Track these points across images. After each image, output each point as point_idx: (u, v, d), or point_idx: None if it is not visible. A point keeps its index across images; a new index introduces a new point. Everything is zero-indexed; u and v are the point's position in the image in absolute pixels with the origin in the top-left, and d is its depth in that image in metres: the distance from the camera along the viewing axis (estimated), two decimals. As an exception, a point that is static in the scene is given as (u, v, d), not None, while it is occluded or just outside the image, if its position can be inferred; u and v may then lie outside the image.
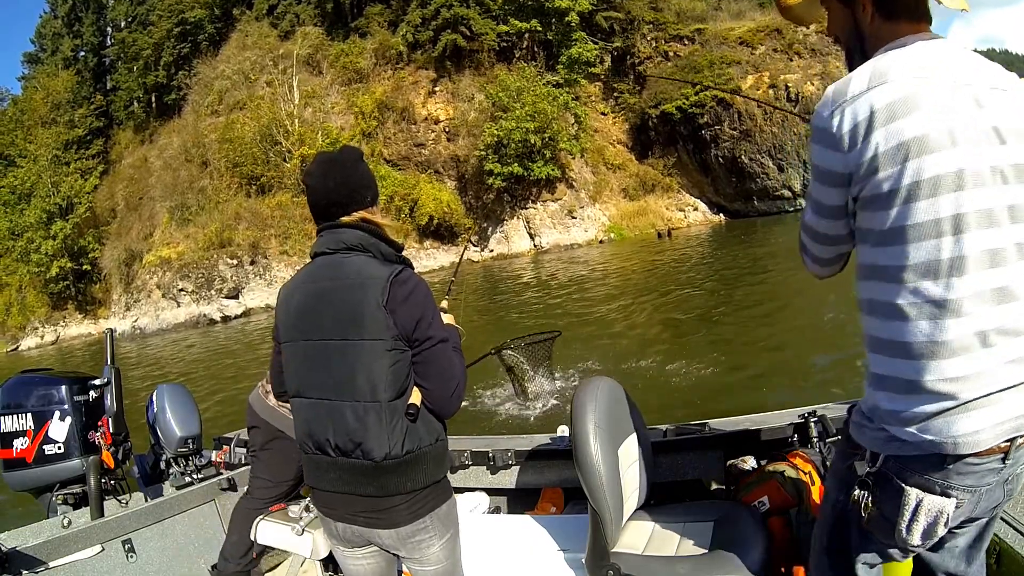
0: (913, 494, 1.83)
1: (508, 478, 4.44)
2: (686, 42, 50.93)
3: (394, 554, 2.71)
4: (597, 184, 47.70)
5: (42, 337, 59.17)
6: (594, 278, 27.26)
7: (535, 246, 44.57)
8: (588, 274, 28.88)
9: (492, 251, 45.01)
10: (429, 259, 44.35)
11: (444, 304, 3.26)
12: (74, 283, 58.10)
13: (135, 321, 47.87)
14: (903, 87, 1.75)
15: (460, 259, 5.70)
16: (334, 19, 54.61)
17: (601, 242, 43.97)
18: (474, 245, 45.93)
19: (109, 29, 65.81)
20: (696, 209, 48.77)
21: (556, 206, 45.72)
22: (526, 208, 45.52)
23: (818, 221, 2.00)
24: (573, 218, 45.63)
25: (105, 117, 63.85)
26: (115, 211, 59.46)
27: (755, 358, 11.79)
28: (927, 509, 1.83)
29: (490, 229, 45.89)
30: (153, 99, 60.54)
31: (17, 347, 59.98)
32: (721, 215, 48.43)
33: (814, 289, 14.38)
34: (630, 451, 3.17)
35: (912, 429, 1.81)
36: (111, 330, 5.31)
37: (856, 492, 1.95)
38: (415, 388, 2.51)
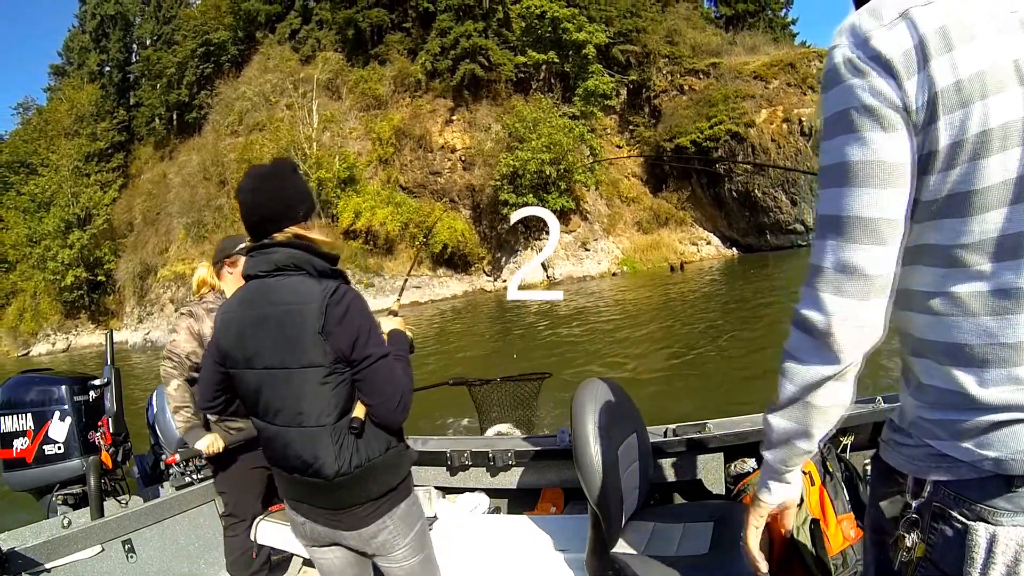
0: (982, 529, 1.30)
1: (508, 479, 4.39)
2: (701, 76, 50.80)
3: (361, 553, 2.67)
4: (611, 217, 47.34)
5: (53, 344, 59.49)
6: (605, 310, 26.99)
7: (548, 277, 43.98)
8: (599, 306, 28.55)
9: (505, 281, 44.31)
10: (442, 287, 44.05)
11: (394, 306, 3.21)
12: (88, 293, 58.22)
13: (147, 333, 47.98)
14: (952, 7, 1.25)
15: (413, 261, 6.41)
16: (354, 45, 54.32)
17: (614, 275, 43.50)
18: (487, 275, 45.56)
19: (135, 46, 66.31)
20: (709, 243, 48.42)
21: (570, 238, 45.21)
22: (540, 239, 44.85)
23: (869, 205, 1.30)
24: (587, 250, 45.14)
25: (127, 132, 64.11)
26: (132, 224, 59.55)
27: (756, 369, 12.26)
28: (1004, 546, 1.28)
29: (503, 259, 45.33)
30: (174, 116, 60.55)
31: (28, 352, 60.51)
32: (734, 249, 48.06)
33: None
34: (630, 452, 3.15)
35: (968, 444, 1.32)
36: (111, 331, 5.29)
37: (902, 538, 1.40)
38: (359, 403, 2.46)
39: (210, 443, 3.97)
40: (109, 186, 60.18)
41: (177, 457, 4.26)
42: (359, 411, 2.44)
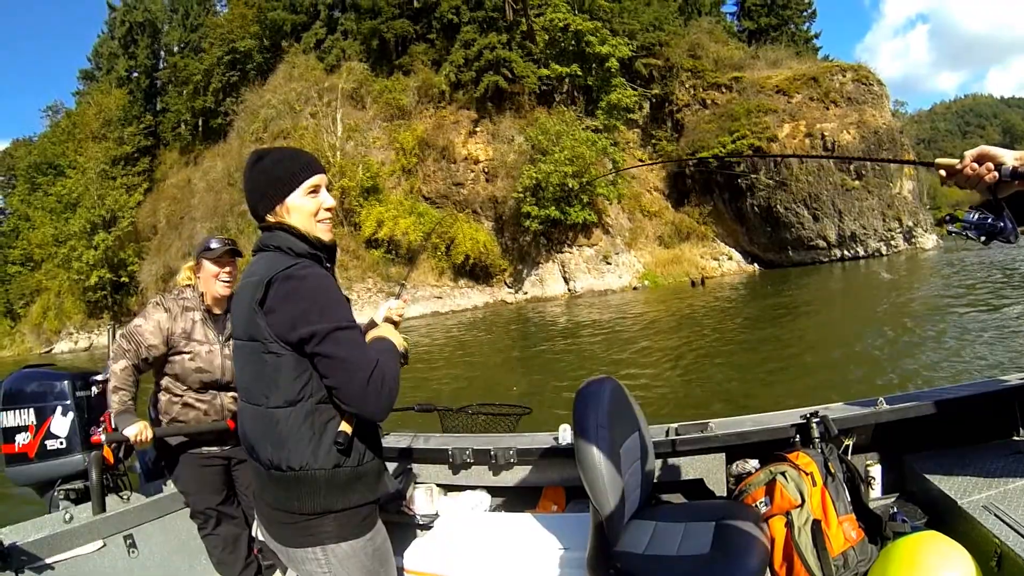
0: None
1: (509, 476, 4.31)
2: (724, 90, 49.99)
3: None
4: (633, 231, 46.75)
5: (76, 343, 60.42)
6: (624, 322, 26.57)
7: (569, 290, 43.47)
8: (618, 319, 28.01)
9: (526, 293, 44.04)
10: (463, 298, 43.65)
11: (393, 312, 2.85)
12: (111, 293, 58.64)
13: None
14: None
15: (414, 261, 5.44)
16: (379, 56, 53.98)
17: (635, 288, 42.95)
18: (508, 286, 45.14)
19: (162, 53, 66.82)
20: (730, 258, 47.84)
21: (591, 251, 44.66)
22: (562, 252, 44.46)
23: None
24: (608, 264, 44.51)
25: (153, 137, 64.47)
26: (156, 228, 59.82)
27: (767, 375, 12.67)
28: None
29: (525, 271, 44.90)
30: (200, 123, 60.61)
31: (51, 349, 61.76)
32: (755, 264, 47.49)
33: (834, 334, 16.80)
34: (632, 450, 3.10)
35: None
36: (113, 326, 5.46)
37: None
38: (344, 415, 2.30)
39: (139, 431, 3.77)
40: (134, 189, 60.64)
41: (103, 438, 4.12)
42: (345, 424, 2.28)
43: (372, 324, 2.86)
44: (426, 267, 43.20)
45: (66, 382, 4.70)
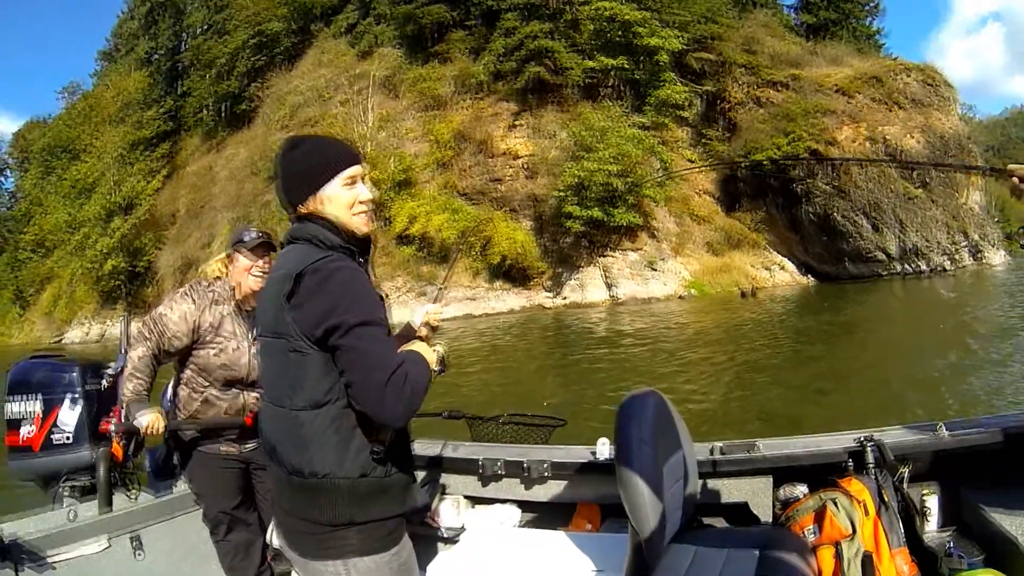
0: None
1: (542, 491, 4.23)
2: (780, 88, 49.49)
3: None
4: (680, 236, 46.26)
5: (87, 332, 60.97)
6: (667, 332, 26.45)
7: (611, 297, 42.98)
8: (662, 328, 27.85)
9: (565, 298, 43.60)
10: (498, 301, 43.39)
11: (431, 307, 2.92)
12: (126, 283, 59.31)
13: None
14: None
15: (452, 262, 5.26)
16: (414, 42, 54.03)
17: (681, 297, 42.38)
18: (547, 290, 44.77)
19: (185, 35, 67.59)
20: (783, 268, 47.28)
21: (636, 256, 44.23)
22: (604, 256, 44.05)
23: None
24: (653, 270, 44.02)
25: (174, 121, 65.11)
26: (175, 216, 60.31)
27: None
28: None
29: (565, 275, 44.47)
30: (224, 108, 61.21)
31: (61, 338, 62.03)
32: (809, 276, 46.98)
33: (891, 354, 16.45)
34: (675, 469, 3.01)
35: None
36: (126, 316, 5.19)
37: None
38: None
39: (151, 421, 3.73)
40: (153, 175, 61.06)
41: (111, 427, 4.03)
42: (382, 432, 2.25)
43: (408, 328, 2.88)
44: (460, 267, 42.87)
45: (75, 372, 4.66)
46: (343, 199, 2.34)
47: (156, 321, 3.79)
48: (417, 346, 2.47)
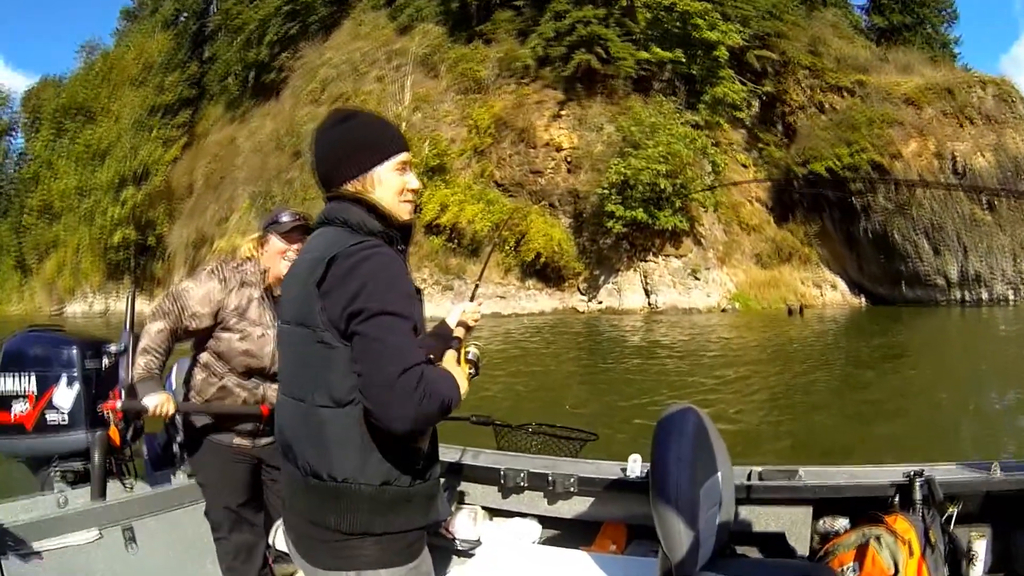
0: None
1: (566, 507, 4.26)
2: (844, 94, 49.47)
3: None
4: (728, 245, 46.47)
5: (91, 306, 61.86)
6: (707, 346, 26.74)
7: (649, 304, 43.17)
8: (701, 341, 28.14)
9: (601, 303, 43.79)
10: (530, 301, 43.69)
11: (469, 307, 3.04)
12: (135, 255, 59.82)
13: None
14: None
15: (487, 258, 5.68)
16: (458, 19, 54.05)
17: (723, 310, 42.75)
18: (581, 293, 44.96)
19: None
20: (835, 287, 47.34)
21: (679, 263, 44.38)
22: (645, 260, 44.22)
23: None
24: (696, 279, 44.16)
25: (197, 87, 65.28)
26: (192, 188, 60.51)
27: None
28: None
29: (602, 278, 44.66)
30: (251, 77, 61.04)
31: (62, 310, 62.94)
32: (862, 297, 46.89)
33: (946, 386, 16.26)
34: (712, 492, 3.01)
35: None
36: (132, 291, 4.87)
37: None
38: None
39: (160, 403, 3.65)
40: (171, 144, 61.53)
41: (118, 405, 3.82)
42: (421, 440, 2.25)
43: (443, 326, 2.95)
44: (490, 262, 42.42)
45: (75, 349, 4.58)
46: (393, 184, 2.36)
47: (179, 296, 3.79)
48: (452, 367, 2.44)
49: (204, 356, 3.89)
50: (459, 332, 2.88)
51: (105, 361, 4.61)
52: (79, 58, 75.73)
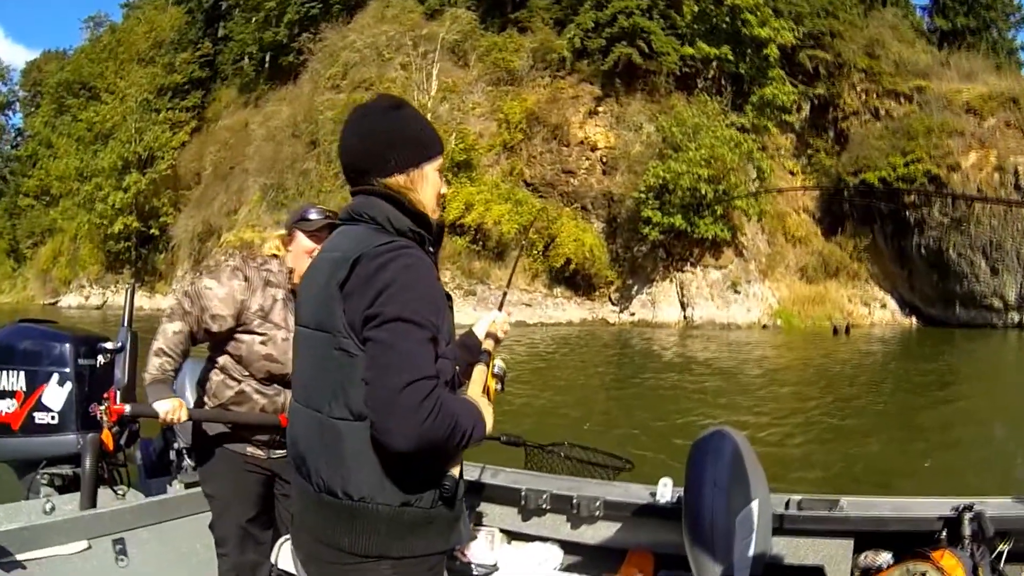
0: None
1: (590, 532, 4.21)
2: (902, 100, 49.52)
3: None
4: (771, 257, 46.58)
5: (87, 298, 61.87)
6: (745, 364, 26.89)
7: (685, 318, 43.26)
8: (739, 359, 28.36)
9: (633, 314, 43.88)
10: (557, 309, 43.78)
11: (499, 317, 2.98)
12: (137, 246, 59.88)
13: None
14: None
15: (515, 263, 6.09)
16: (491, 5, 54.11)
17: (764, 327, 42.85)
18: (613, 303, 45.05)
19: None
20: (884, 306, 47.34)
21: (719, 275, 44.41)
22: (682, 271, 44.27)
23: None
24: (736, 292, 44.21)
25: (209, 68, 65.29)
26: (200, 176, 60.78)
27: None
28: None
29: (635, 288, 44.74)
30: (267, 58, 60.96)
31: (56, 301, 63.23)
32: (913, 317, 46.90)
33: (999, 415, 15.79)
34: (748, 521, 3.02)
35: None
36: (132, 285, 5.05)
37: None
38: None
39: (171, 409, 3.68)
40: (180, 127, 61.53)
41: (127, 409, 3.85)
42: (451, 476, 2.22)
43: (470, 336, 2.94)
44: (519, 267, 41.74)
45: (68, 345, 4.64)
46: (435, 184, 2.40)
47: (200, 295, 3.79)
48: (479, 396, 2.47)
49: (222, 359, 3.91)
50: (488, 344, 2.87)
51: (100, 359, 4.56)
52: (84, 31, 75.59)
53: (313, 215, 3.93)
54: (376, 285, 2.09)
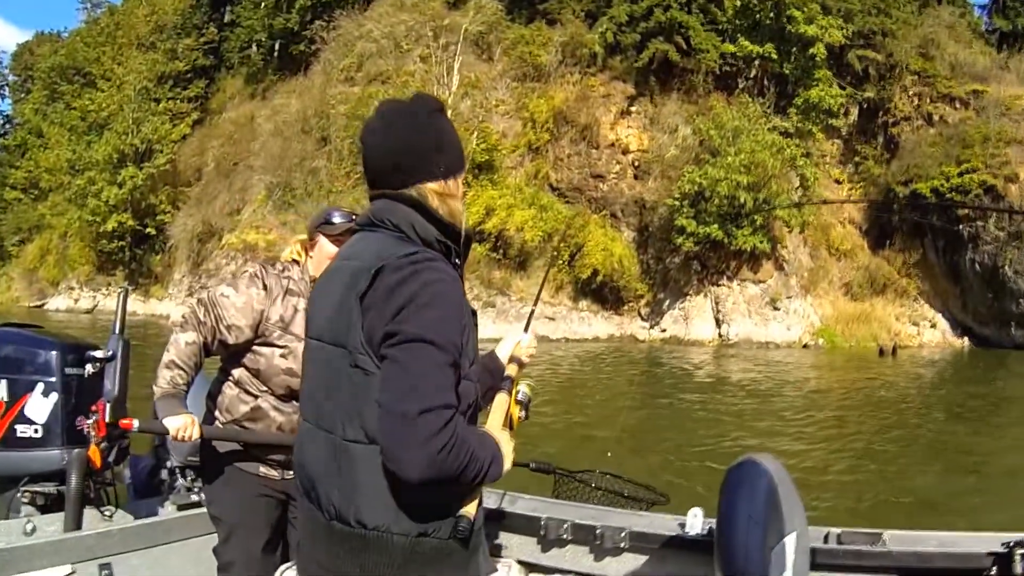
0: None
1: (615, 565, 4.17)
2: (957, 105, 49.12)
3: None
4: (814, 271, 46.26)
5: (76, 300, 61.50)
6: (784, 386, 27.10)
7: (720, 335, 43.02)
8: (780, 383, 28.29)
9: (664, 331, 43.62)
10: (582, 324, 43.41)
11: (525, 339, 3.07)
12: (131, 246, 59.59)
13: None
14: None
15: (544, 279, 5.90)
16: (519, -5, 53.45)
17: (805, 346, 42.64)
18: (643, 319, 44.94)
19: None
20: (934, 326, 46.92)
21: (757, 290, 44.18)
22: (718, 285, 43.97)
23: None
24: (776, 309, 43.96)
25: (214, 55, 65.45)
26: (201, 172, 60.58)
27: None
28: None
29: (667, 302, 44.56)
30: (277, 47, 60.93)
31: (43, 304, 63.09)
32: (965, 338, 46.42)
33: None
34: (785, 555, 2.96)
35: None
36: (125, 290, 4.91)
37: None
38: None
39: (183, 425, 3.66)
40: (181, 119, 61.46)
41: (135, 425, 3.84)
42: (469, 504, 2.23)
43: (492, 358, 2.99)
44: (538, 277, 42.20)
45: (54, 353, 4.61)
46: (462, 196, 2.49)
47: (215, 304, 3.81)
48: (499, 431, 2.48)
49: (238, 372, 3.91)
50: (511, 369, 2.92)
51: (88, 368, 4.48)
52: (80, 12, 74.81)
53: (337, 218, 3.97)
54: (398, 300, 2.12)
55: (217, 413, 3.93)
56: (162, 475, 4.91)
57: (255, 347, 3.85)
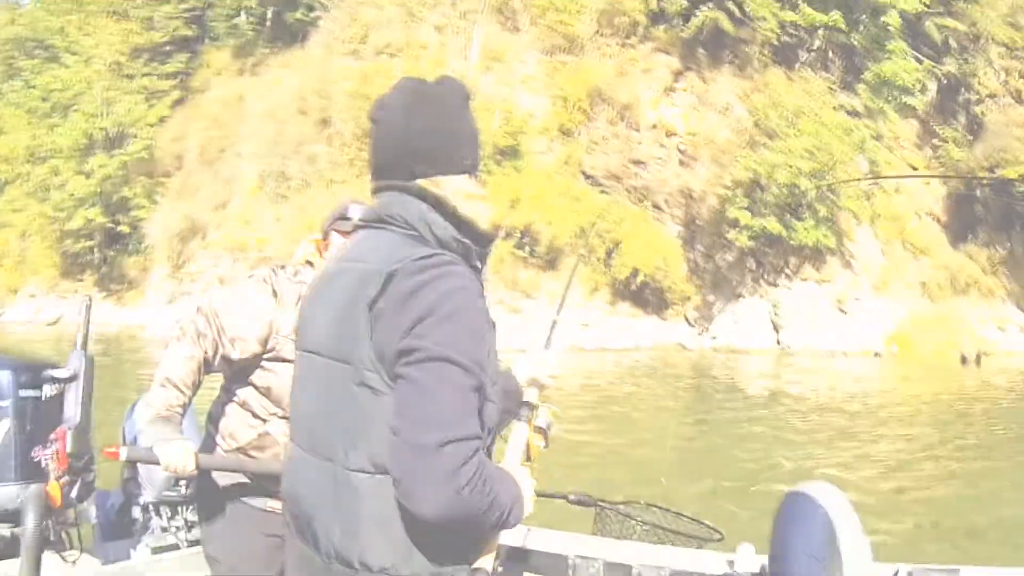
0: None
1: None
2: (1051, 81, 48.72)
3: None
4: (886, 269, 46.14)
5: (37, 311, 59.30)
6: (852, 404, 27.03)
7: (779, 343, 42.64)
8: (849, 397, 28.54)
9: (715, 338, 43.07)
10: (620, 331, 42.67)
11: (550, 360, 3.02)
12: (102, 247, 58.58)
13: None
14: None
15: (570, 281, 4.87)
16: (550, -44, 52.61)
17: (877, 355, 42.29)
18: (690, 324, 44.50)
19: None
20: (1023, 331, 46.57)
21: (821, 291, 44.05)
22: (776, 286, 44.00)
23: None
24: (843, 313, 43.72)
25: (197, 25, 64.50)
26: (182, 160, 59.86)
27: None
28: None
29: (717, 305, 44.35)
30: (269, 15, 60.31)
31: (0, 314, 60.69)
32: (1060, 344, 45.79)
33: None
34: None
35: None
36: (89, 299, 4.71)
37: None
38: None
39: (178, 455, 3.61)
40: (159, 98, 60.47)
41: (122, 453, 3.80)
42: (484, 557, 2.27)
43: (508, 379, 2.86)
44: (573, 277, 39.90)
45: (6, 372, 4.48)
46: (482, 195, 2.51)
47: (217, 314, 3.80)
48: (517, 468, 2.53)
49: (244, 392, 3.90)
50: (530, 394, 2.90)
51: (46, 390, 4.45)
52: None
53: (354, 213, 3.91)
54: (414, 310, 2.11)
55: (219, 439, 3.94)
56: (134, 513, 4.98)
57: (264, 363, 3.84)
